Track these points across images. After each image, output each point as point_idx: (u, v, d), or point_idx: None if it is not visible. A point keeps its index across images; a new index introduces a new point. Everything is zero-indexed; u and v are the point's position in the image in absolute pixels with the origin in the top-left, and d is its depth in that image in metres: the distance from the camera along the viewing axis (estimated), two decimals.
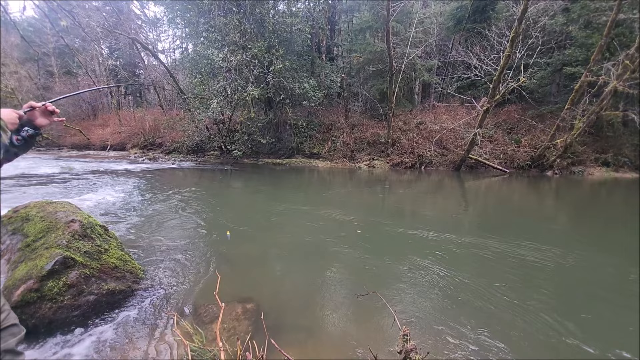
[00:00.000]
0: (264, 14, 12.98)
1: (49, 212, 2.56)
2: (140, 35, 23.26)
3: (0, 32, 19.72)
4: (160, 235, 4.07)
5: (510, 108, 15.25)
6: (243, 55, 12.25)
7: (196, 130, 16.69)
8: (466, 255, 3.70)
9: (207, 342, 2.00)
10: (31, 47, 22.39)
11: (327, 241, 4.14)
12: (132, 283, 2.58)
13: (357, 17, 20.82)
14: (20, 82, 23.25)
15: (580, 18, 12.61)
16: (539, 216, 6.13)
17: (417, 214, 6.33)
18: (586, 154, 12.52)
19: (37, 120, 1.31)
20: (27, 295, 1.98)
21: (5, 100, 21.12)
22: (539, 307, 2.53)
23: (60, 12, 15.48)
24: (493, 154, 13.22)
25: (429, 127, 15.02)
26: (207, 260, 3.31)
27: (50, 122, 1.38)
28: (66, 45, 22.20)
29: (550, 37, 13.80)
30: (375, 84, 17.37)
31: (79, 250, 2.32)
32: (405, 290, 2.78)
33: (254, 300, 2.52)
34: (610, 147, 12.51)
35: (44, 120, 1.34)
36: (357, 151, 15.12)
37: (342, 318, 2.39)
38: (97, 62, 27.38)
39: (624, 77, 10.23)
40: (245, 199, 7.27)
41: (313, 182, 10.19)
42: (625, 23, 11.29)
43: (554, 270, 3.26)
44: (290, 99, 14.31)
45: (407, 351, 1.57)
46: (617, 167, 12.16)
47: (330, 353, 1.99)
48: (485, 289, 2.89)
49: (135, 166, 12.88)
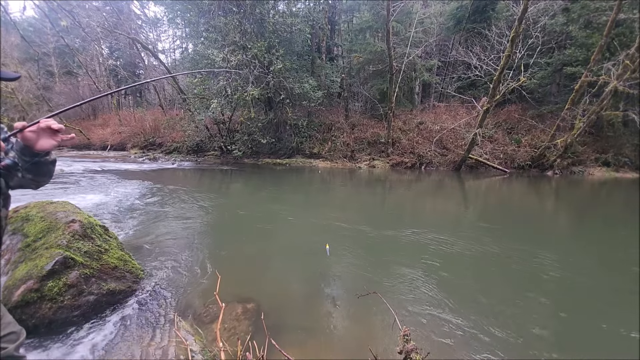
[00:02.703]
0: (264, 14, 12.99)
1: (49, 212, 2.56)
2: (141, 35, 23.29)
3: (0, 32, 19.72)
4: (160, 235, 4.07)
5: (510, 108, 15.25)
6: (243, 55, 12.25)
7: (196, 130, 16.69)
8: (466, 255, 3.70)
9: (207, 342, 2.00)
10: (31, 47, 22.42)
11: (327, 241, 4.14)
12: (132, 283, 2.58)
13: (357, 17, 20.81)
14: (20, 82, 23.21)
15: (581, 18, 12.60)
16: (539, 216, 6.13)
17: (418, 214, 6.33)
18: (586, 154, 12.51)
19: (37, 144, 1.05)
20: (27, 296, 1.98)
21: (6, 100, 21.14)
22: (539, 308, 2.53)
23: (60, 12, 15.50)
24: (493, 154, 13.21)
25: (429, 127, 15.02)
26: (207, 260, 3.31)
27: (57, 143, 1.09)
28: (66, 45, 22.23)
29: (551, 37, 13.79)
30: (376, 84, 17.36)
31: (79, 251, 2.32)
32: (405, 291, 2.78)
33: (254, 300, 2.52)
34: (610, 147, 12.50)
35: (47, 141, 1.07)
36: (357, 151, 15.11)
37: (343, 318, 2.39)
38: (97, 62, 27.37)
39: (624, 77, 10.23)
40: (246, 199, 7.27)
41: (313, 182, 10.18)
42: (625, 23, 11.29)
43: (554, 270, 3.25)
44: (290, 99, 14.31)
45: (408, 351, 1.57)
46: (618, 167, 12.15)
47: (330, 353, 1.99)
48: (485, 289, 2.89)
49: (135, 166, 12.88)
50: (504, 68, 10.97)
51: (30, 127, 1.03)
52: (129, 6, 25.60)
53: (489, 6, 15.65)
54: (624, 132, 12.78)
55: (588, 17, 12.36)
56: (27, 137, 1.04)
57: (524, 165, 12.62)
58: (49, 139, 1.07)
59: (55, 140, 1.08)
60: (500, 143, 13.73)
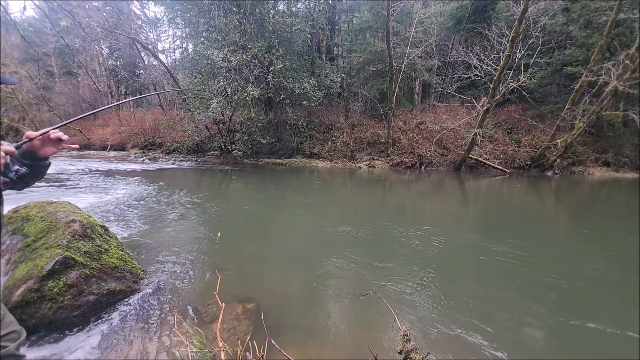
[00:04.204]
0: (264, 14, 12.98)
1: (49, 212, 2.56)
2: (141, 35, 23.24)
3: (0, 32, 19.72)
4: (160, 235, 4.07)
5: (510, 108, 15.25)
6: (243, 55, 12.25)
7: (196, 130, 16.69)
8: (466, 256, 3.70)
9: (207, 342, 2.00)
10: (31, 47, 22.36)
11: (328, 241, 4.15)
12: (132, 283, 2.58)
13: (357, 17, 20.82)
14: (20, 82, 23.23)
15: (581, 18, 12.60)
16: (539, 216, 6.12)
17: (417, 214, 6.33)
18: (586, 154, 12.51)
19: (40, 151, 1.12)
20: (27, 296, 1.98)
21: (6, 100, 21.13)
22: (539, 307, 2.53)
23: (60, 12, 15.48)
24: (493, 154, 13.21)
25: (429, 127, 15.02)
26: (207, 260, 3.31)
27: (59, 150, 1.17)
28: (66, 45, 22.19)
29: (551, 37, 13.79)
30: (376, 84, 17.36)
31: (79, 251, 2.32)
32: (405, 290, 2.78)
33: (254, 300, 2.52)
34: (610, 147, 12.50)
35: (50, 149, 1.14)
36: (357, 151, 15.11)
37: (342, 318, 2.39)
38: (97, 62, 27.36)
39: (624, 77, 10.22)
40: (246, 199, 7.27)
41: (313, 182, 10.18)
42: (625, 23, 11.28)
43: (554, 270, 3.25)
44: (290, 99, 14.30)
45: (408, 351, 1.57)
46: (618, 167, 12.15)
47: (330, 353, 1.99)
48: (485, 289, 2.89)
49: (135, 166, 12.88)
50: (504, 68, 10.97)
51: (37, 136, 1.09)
52: (129, 6, 25.59)
53: (489, 6, 15.66)
54: (624, 132, 12.78)
55: (588, 17, 12.36)
56: (33, 145, 1.10)
57: (524, 165, 12.62)
58: (53, 147, 1.14)
59: (58, 148, 1.16)
60: (500, 143, 13.73)
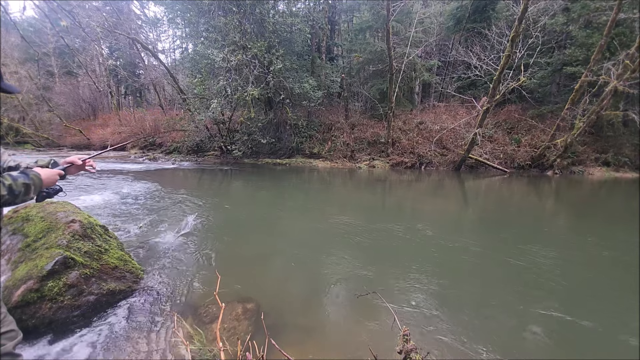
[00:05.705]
0: (264, 13, 12.97)
1: (49, 212, 2.56)
2: (140, 35, 23.25)
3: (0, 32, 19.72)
4: (160, 235, 4.07)
5: (510, 108, 15.24)
6: (243, 55, 12.25)
7: (196, 130, 16.68)
8: (466, 255, 3.70)
9: (207, 342, 2.00)
10: (31, 47, 22.40)
11: (327, 241, 4.15)
12: (132, 283, 2.58)
13: (357, 17, 20.82)
14: (20, 82, 23.22)
15: (581, 18, 12.60)
16: (539, 216, 6.13)
17: (417, 214, 6.33)
18: (586, 153, 12.51)
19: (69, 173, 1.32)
20: (27, 296, 1.98)
21: (6, 100, 21.12)
22: (538, 308, 2.53)
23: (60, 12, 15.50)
24: (493, 154, 13.21)
25: (429, 127, 15.01)
26: (207, 261, 3.31)
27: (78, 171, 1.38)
28: (66, 45, 22.24)
29: (551, 37, 13.79)
30: (375, 83, 17.36)
31: (79, 251, 2.32)
32: (405, 290, 2.78)
33: (254, 300, 2.52)
34: (610, 147, 12.50)
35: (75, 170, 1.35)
36: (357, 151, 15.11)
37: (342, 318, 2.39)
38: (97, 62, 27.36)
39: (624, 77, 10.22)
40: (246, 199, 7.27)
41: (313, 182, 10.18)
42: (625, 23, 11.29)
43: (554, 270, 3.25)
44: (290, 99, 14.29)
45: (408, 351, 1.57)
46: (618, 167, 12.15)
47: (330, 353, 1.99)
48: (485, 288, 2.89)
49: (135, 166, 12.87)
50: (504, 68, 10.96)
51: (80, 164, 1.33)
52: (129, 6, 25.61)
53: (489, 6, 15.65)
54: (624, 132, 12.78)
55: (588, 16, 12.36)
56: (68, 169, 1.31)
57: (523, 165, 12.61)
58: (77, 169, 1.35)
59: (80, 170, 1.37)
60: (500, 143, 13.72)
